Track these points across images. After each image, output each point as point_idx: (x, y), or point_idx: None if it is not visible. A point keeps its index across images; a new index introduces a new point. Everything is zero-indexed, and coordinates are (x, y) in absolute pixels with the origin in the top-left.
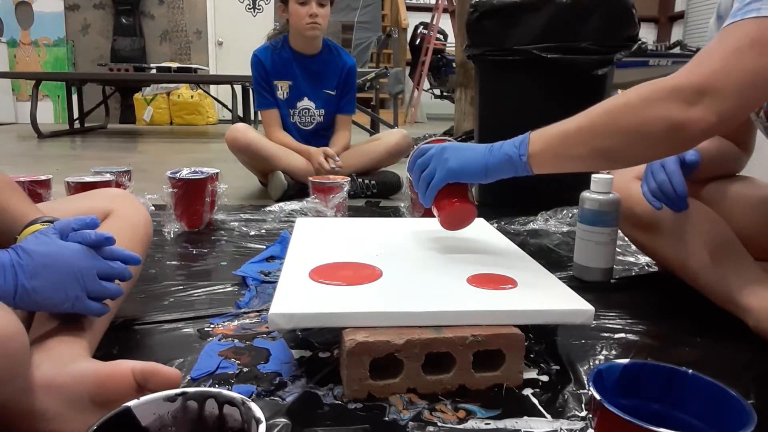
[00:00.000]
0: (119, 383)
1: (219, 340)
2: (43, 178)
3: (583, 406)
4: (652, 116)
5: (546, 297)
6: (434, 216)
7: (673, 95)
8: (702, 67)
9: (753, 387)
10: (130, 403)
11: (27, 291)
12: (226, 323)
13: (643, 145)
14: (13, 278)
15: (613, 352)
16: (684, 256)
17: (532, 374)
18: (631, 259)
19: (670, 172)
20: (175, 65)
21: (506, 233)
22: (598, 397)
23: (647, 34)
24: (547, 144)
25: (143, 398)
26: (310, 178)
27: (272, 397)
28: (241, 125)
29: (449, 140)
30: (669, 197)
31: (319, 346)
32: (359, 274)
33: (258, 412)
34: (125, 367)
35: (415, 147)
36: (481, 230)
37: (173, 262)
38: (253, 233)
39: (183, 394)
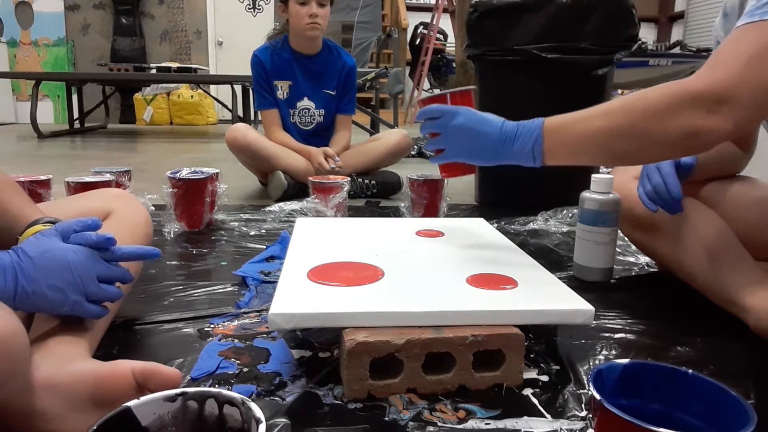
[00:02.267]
0: (119, 383)
1: (219, 340)
2: (43, 178)
3: (583, 406)
4: (673, 125)
5: (546, 297)
6: (434, 216)
7: (695, 103)
8: (722, 72)
9: (753, 387)
10: (130, 403)
11: (27, 293)
12: (226, 323)
13: (659, 150)
14: (13, 280)
15: (613, 352)
16: (683, 256)
17: (532, 374)
18: (631, 259)
19: (665, 174)
20: (175, 65)
21: (506, 233)
22: (598, 397)
23: (647, 34)
24: (563, 144)
25: (143, 398)
26: (310, 178)
27: (272, 397)
28: (241, 125)
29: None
30: (664, 200)
31: (319, 346)
32: (360, 274)
33: (258, 412)
34: (125, 367)
35: (419, 103)
36: (481, 230)
37: (173, 262)
38: (253, 233)
39: (183, 394)
